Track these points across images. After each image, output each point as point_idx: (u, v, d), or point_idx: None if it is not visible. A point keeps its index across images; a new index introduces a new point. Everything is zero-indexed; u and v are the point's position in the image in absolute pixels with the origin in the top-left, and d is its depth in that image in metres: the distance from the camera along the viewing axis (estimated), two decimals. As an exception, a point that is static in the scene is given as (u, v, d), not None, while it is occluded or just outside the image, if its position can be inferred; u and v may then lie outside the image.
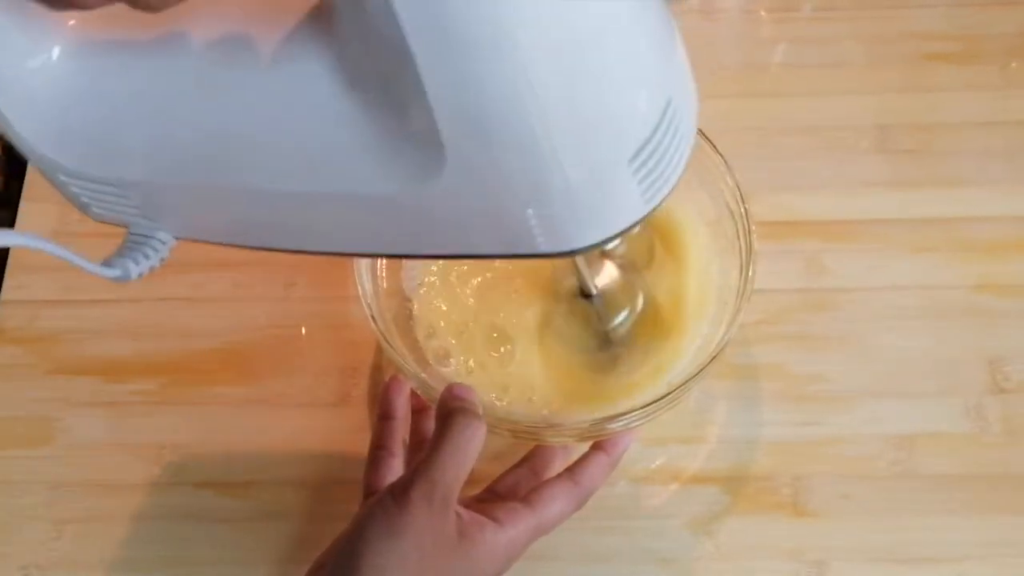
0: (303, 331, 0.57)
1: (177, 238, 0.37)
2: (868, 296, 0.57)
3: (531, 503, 0.43)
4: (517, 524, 0.41)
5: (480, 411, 0.41)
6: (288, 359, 0.56)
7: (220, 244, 0.37)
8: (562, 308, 0.51)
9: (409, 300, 0.52)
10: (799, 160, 0.61)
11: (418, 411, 0.51)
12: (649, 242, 0.51)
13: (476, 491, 0.47)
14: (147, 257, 0.36)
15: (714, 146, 0.49)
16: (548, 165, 0.29)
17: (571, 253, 0.32)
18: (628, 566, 0.51)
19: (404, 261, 0.53)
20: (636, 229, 0.48)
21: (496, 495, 0.46)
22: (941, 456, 0.52)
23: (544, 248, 0.32)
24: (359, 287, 0.47)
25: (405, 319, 0.52)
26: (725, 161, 0.49)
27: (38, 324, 0.58)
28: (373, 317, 0.47)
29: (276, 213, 0.34)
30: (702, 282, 0.51)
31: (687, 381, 0.44)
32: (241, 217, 0.36)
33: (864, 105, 0.63)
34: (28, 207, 0.62)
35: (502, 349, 0.50)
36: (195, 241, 0.37)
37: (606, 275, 0.49)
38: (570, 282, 0.50)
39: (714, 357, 0.45)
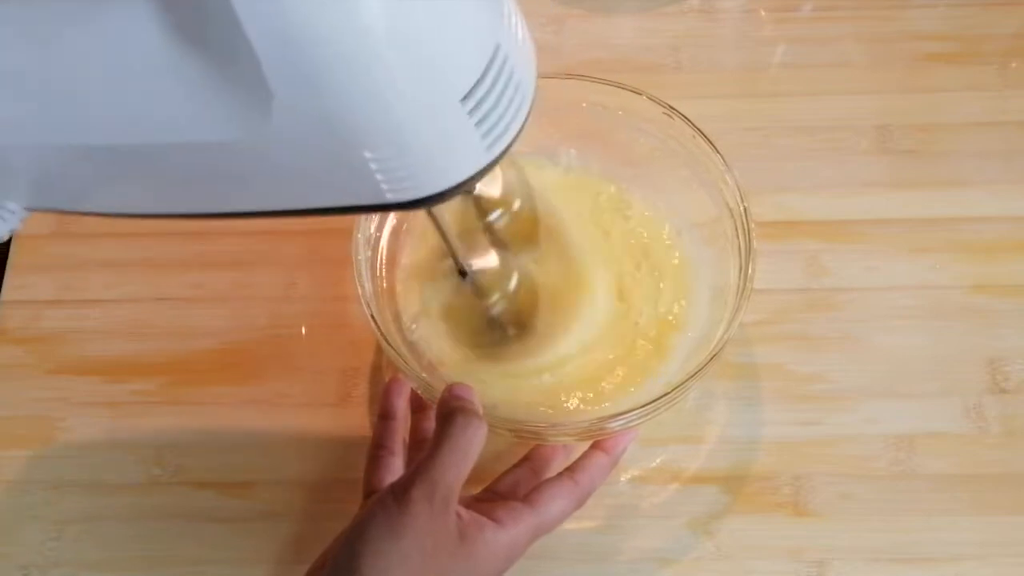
0: (303, 331, 0.57)
1: (27, 208, 0.36)
2: (868, 296, 0.57)
3: (532, 503, 0.43)
4: (518, 524, 0.41)
5: (480, 411, 0.41)
6: (288, 359, 0.56)
7: (71, 213, 0.36)
8: (442, 290, 0.50)
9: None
10: (799, 160, 0.61)
11: (418, 411, 0.51)
12: (532, 225, 0.51)
13: (476, 491, 0.47)
14: None
15: (712, 145, 0.49)
16: (378, 101, 0.29)
17: (421, 203, 0.32)
18: (628, 566, 0.51)
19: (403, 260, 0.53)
20: (516, 205, 0.47)
21: (496, 495, 0.46)
22: (941, 456, 0.52)
23: (391, 197, 0.32)
24: (359, 287, 0.47)
25: (403, 318, 0.52)
26: (724, 159, 0.49)
27: (38, 324, 0.58)
28: (373, 316, 0.47)
29: (115, 171, 0.34)
30: (588, 275, 0.51)
31: (687, 380, 0.44)
32: (81, 180, 0.35)
33: (864, 105, 0.63)
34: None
35: (413, 326, 0.50)
36: (45, 211, 0.36)
37: (483, 254, 0.48)
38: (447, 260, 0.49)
39: (714, 356, 0.45)
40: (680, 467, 0.53)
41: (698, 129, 0.50)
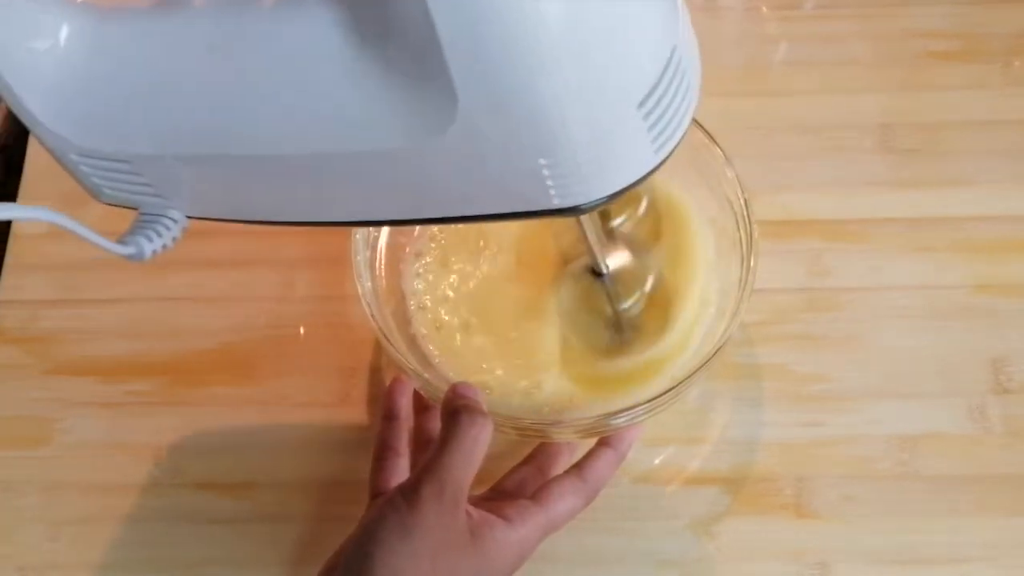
0: (303, 331, 0.57)
1: (189, 217, 0.37)
2: (870, 296, 0.56)
3: (540, 500, 0.42)
4: (527, 522, 0.41)
5: (485, 409, 0.41)
6: (288, 359, 0.56)
7: (231, 221, 0.37)
8: (571, 291, 0.50)
9: (407, 299, 0.52)
10: (801, 159, 0.61)
11: (421, 411, 0.50)
12: (655, 222, 0.51)
13: (482, 490, 0.47)
14: (159, 235, 0.36)
15: (712, 138, 0.49)
16: (558, 109, 0.29)
17: (584, 209, 0.32)
18: (629, 567, 0.50)
19: (402, 260, 0.53)
20: (642, 208, 0.48)
21: (503, 493, 0.46)
22: (944, 457, 0.52)
23: (557, 203, 0.32)
24: (359, 287, 0.47)
25: (404, 318, 0.51)
26: (724, 153, 0.49)
27: (37, 324, 0.58)
28: (373, 316, 0.47)
29: (286, 181, 0.34)
30: (704, 264, 0.50)
31: (692, 375, 0.44)
32: (252, 189, 0.35)
33: (867, 104, 0.62)
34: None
35: (512, 336, 0.50)
36: (206, 219, 0.37)
37: (617, 256, 0.49)
38: (580, 263, 0.49)
39: (719, 349, 0.45)
40: (681, 468, 0.53)
41: (696, 121, 0.49)
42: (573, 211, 0.32)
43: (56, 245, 0.60)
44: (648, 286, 0.49)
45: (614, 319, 0.49)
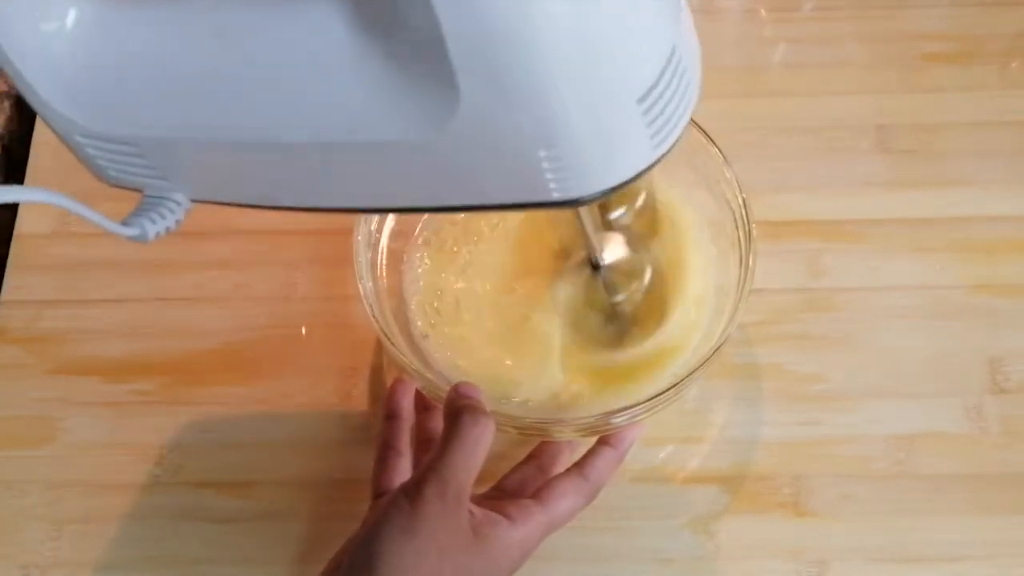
0: (303, 331, 0.57)
1: (193, 200, 0.37)
2: (868, 296, 0.57)
3: (542, 499, 0.43)
4: (529, 521, 0.41)
5: (487, 408, 0.41)
6: (288, 359, 0.56)
7: (234, 205, 0.37)
8: (569, 284, 0.50)
9: (408, 299, 0.52)
10: (799, 160, 0.61)
11: (422, 411, 0.51)
12: (652, 215, 0.51)
13: (483, 489, 0.47)
14: (163, 217, 0.36)
15: (710, 138, 0.49)
16: (560, 102, 0.29)
17: (582, 201, 0.33)
18: (628, 566, 0.51)
19: (403, 260, 0.53)
20: (640, 201, 0.48)
21: (504, 493, 0.46)
22: (941, 456, 0.52)
23: (556, 195, 0.32)
24: (360, 288, 0.47)
25: (405, 318, 0.52)
26: (722, 153, 0.49)
27: (39, 324, 0.58)
28: (375, 317, 0.47)
29: (290, 167, 0.34)
30: (701, 260, 0.51)
31: (691, 373, 0.45)
32: (255, 174, 0.36)
33: (864, 105, 0.63)
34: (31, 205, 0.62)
35: (512, 331, 0.50)
36: (210, 203, 0.37)
37: (614, 247, 0.49)
38: (577, 255, 0.50)
39: (718, 348, 0.45)
40: (680, 467, 0.53)
41: (694, 122, 0.50)
42: (572, 203, 0.33)
43: (59, 246, 0.60)
44: (645, 279, 0.49)
45: (611, 311, 0.49)
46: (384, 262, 0.51)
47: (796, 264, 0.58)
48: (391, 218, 0.52)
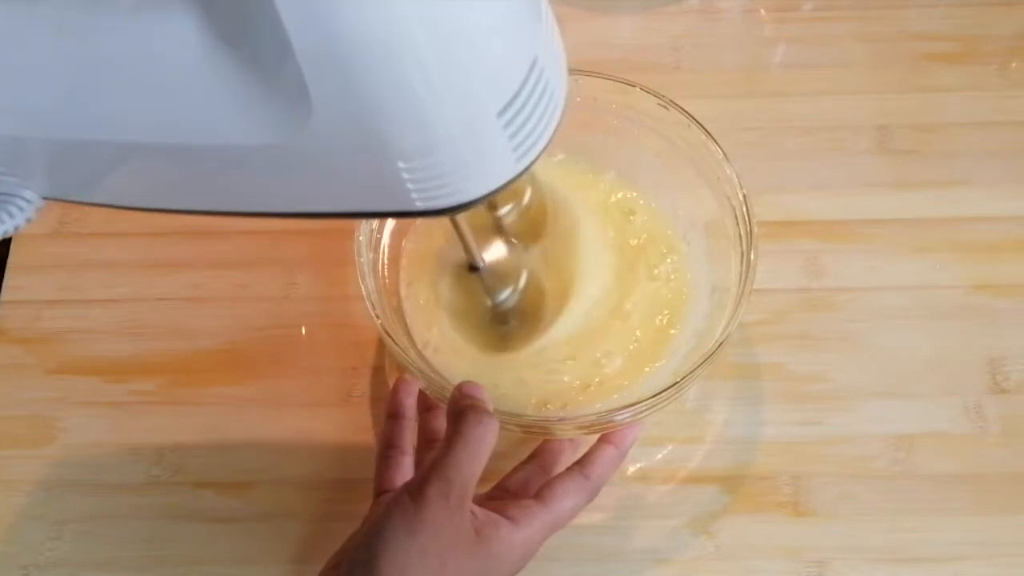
0: (303, 331, 0.57)
1: (45, 198, 0.36)
2: (868, 296, 0.57)
3: (544, 500, 0.43)
4: (532, 522, 0.41)
5: (491, 408, 0.41)
6: (288, 359, 0.56)
7: (88, 204, 0.36)
8: (450, 282, 0.50)
9: (406, 299, 0.52)
10: (799, 160, 0.61)
11: (425, 411, 0.51)
12: (540, 219, 0.51)
13: (486, 489, 0.47)
14: (11, 216, 0.35)
15: (709, 133, 0.49)
16: (416, 115, 0.29)
17: (447, 211, 0.32)
18: (628, 566, 0.51)
19: (402, 260, 0.53)
20: (526, 199, 0.48)
21: (507, 492, 0.46)
22: (941, 456, 0.52)
23: (420, 205, 0.32)
24: (362, 288, 0.47)
25: (405, 317, 0.52)
26: (721, 149, 0.49)
27: (39, 324, 0.58)
28: (377, 316, 0.47)
29: (142, 168, 0.34)
30: (594, 259, 0.51)
31: (695, 369, 0.44)
32: (106, 174, 0.35)
33: (864, 105, 0.63)
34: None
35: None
36: (63, 201, 0.36)
37: (494, 249, 0.48)
38: (460, 255, 0.49)
39: (721, 343, 0.45)
40: (680, 467, 0.53)
41: (695, 119, 0.50)
42: (438, 213, 0.32)
43: (59, 246, 0.60)
44: (522, 283, 0.48)
45: (493, 313, 0.49)
46: (385, 262, 0.51)
47: (796, 264, 0.58)
48: (391, 220, 0.52)
